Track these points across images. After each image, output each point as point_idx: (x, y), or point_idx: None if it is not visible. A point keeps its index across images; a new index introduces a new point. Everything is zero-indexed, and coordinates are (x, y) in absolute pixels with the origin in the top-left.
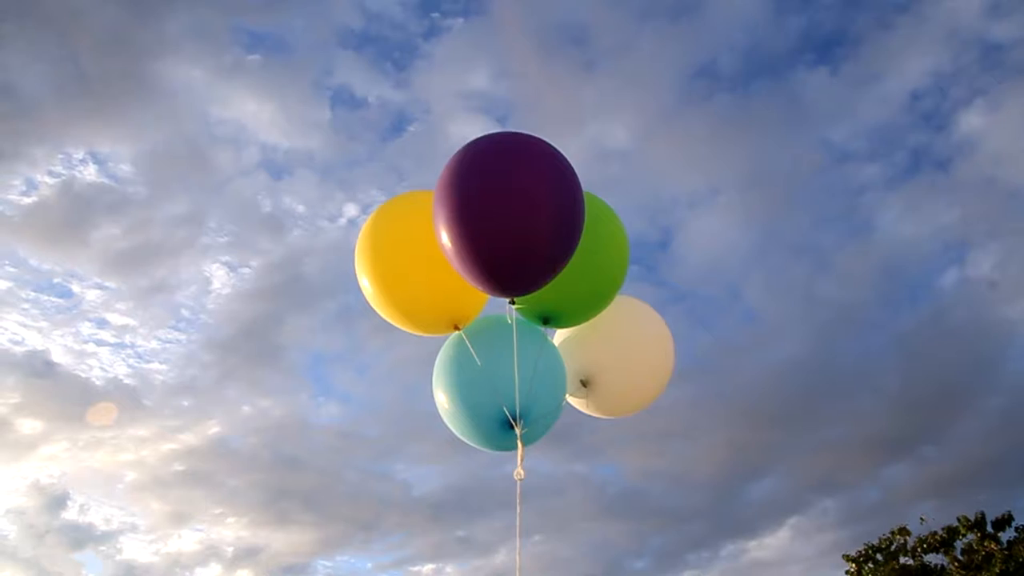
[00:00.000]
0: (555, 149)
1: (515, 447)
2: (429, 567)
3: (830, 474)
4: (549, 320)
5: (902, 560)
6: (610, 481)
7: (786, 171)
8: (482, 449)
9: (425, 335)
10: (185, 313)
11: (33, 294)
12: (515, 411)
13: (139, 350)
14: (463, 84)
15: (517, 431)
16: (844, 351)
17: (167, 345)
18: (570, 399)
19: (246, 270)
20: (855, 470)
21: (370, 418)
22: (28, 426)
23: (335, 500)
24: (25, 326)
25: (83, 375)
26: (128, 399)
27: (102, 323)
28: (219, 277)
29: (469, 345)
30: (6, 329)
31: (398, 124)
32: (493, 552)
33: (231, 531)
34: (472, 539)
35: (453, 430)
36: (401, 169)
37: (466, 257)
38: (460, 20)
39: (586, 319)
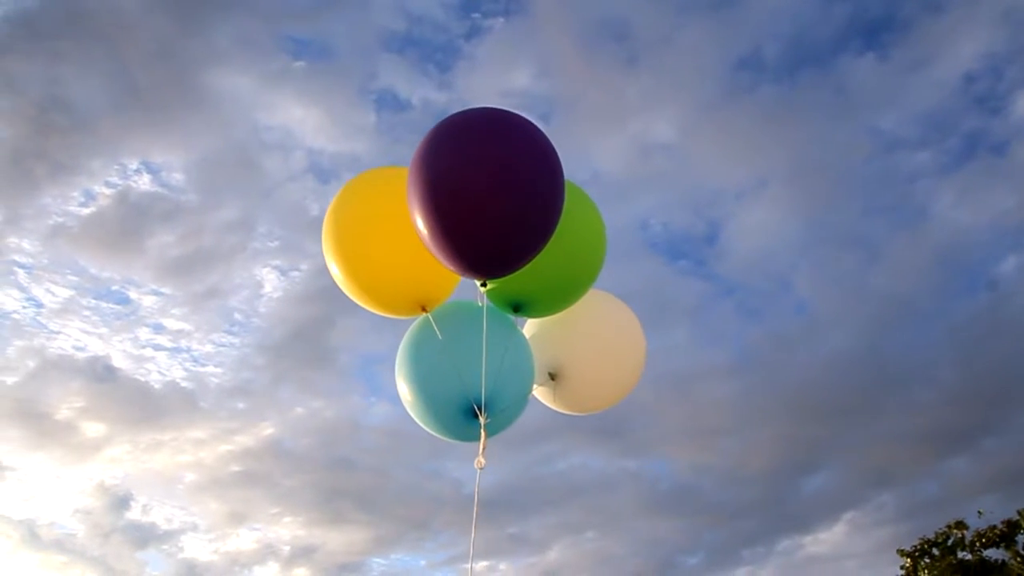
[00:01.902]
0: (535, 125)
1: (477, 437)
2: (482, 564)
3: (887, 468)
4: (520, 308)
5: (960, 555)
6: (661, 477)
7: (834, 160)
8: (442, 437)
9: (391, 316)
10: (238, 317)
11: (93, 301)
12: (480, 399)
13: (195, 354)
14: (505, 83)
15: (481, 420)
16: (898, 342)
17: (221, 349)
18: (536, 393)
19: (296, 273)
20: (913, 463)
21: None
22: (92, 429)
23: (388, 499)
24: (87, 333)
25: (142, 379)
26: (185, 402)
27: (159, 328)
28: (270, 281)
29: (434, 325)
30: (69, 336)
31: None
32: (546, 549)
33: (287, 530)
34: (524, 536)
35: (414, 416)
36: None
37: (438, 232)
38: (501, 20)
39: (558, 310)
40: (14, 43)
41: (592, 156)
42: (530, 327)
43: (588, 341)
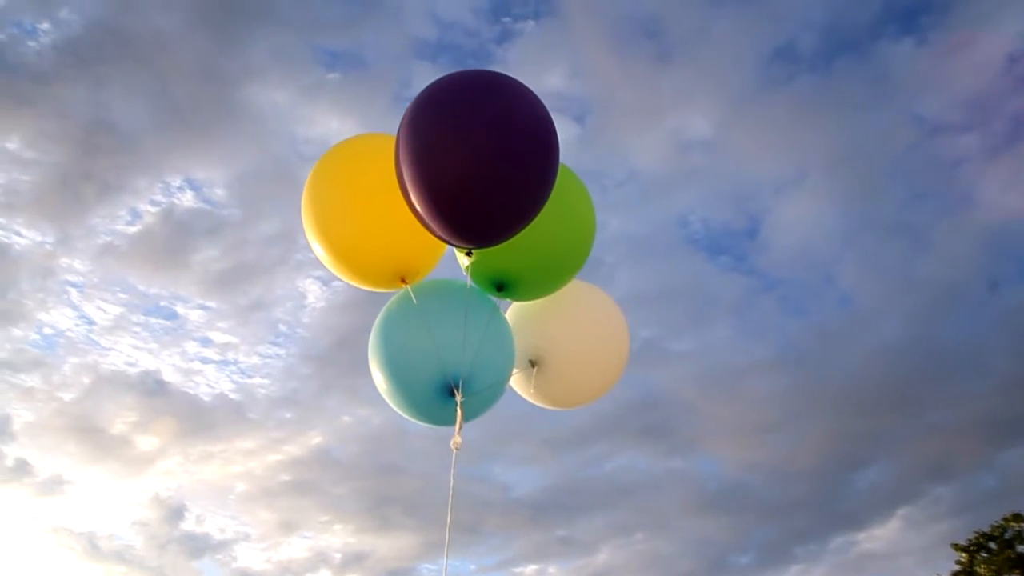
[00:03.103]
0: (530, 89)
1: (450, 421)
2: (532, 568)
3: (941, 461)
4: (503, 288)
5: (1018, 548)
6: (710, 475)
7: (875, 149)
8: (414, 419)
9: (370, 288)
10: (283, 328)
11: (143, 317)
12: (457, 377)
13: (242, 366)
14: (539, 85)
15: (458, 398)
16: (947, 331)
17: (268, 360)
18: (513, 384)
19: (338, 283)
20: (968, 456)
21: (466, 422)
22: (146, 442)
23: (436, 504)
24: (137, 348)
25: (192, 392)
26: (234, 413)
27: (206, 342)
28: (313, 292)
29: (412, 295)
30: (121, 352)
31: None
32: (595, 551)
33: (338, 538)
34: (573, 539)
35: (385, 396)
36: None
37: (427, 192)
38: (531, 23)
39: (542, 293)
40: (61, 70)
41: (629, 154)
42: (513, 313)
43: (572, 332)
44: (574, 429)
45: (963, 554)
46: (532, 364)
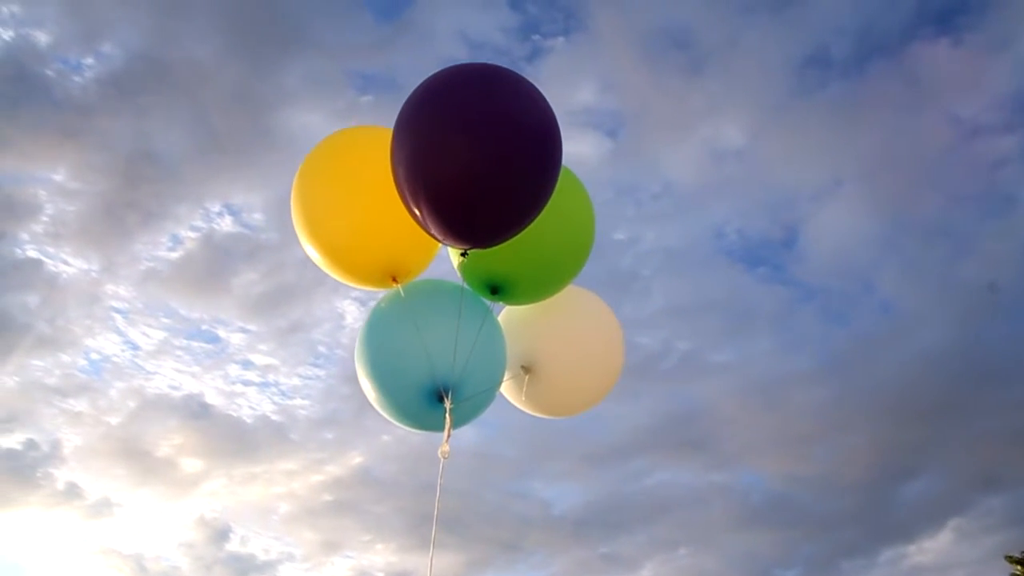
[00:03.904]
0: (534, 84)
1: (439, 426)
2: None
3: (992, 470)
4: (498, 291)
5: None
6: (753, 489)
7: (913, 153)
8: (401, 424)
9: (361, 286)
10: (322, 349)
11: (185, 341)
12: (447, 382)
13: (283, 387)
14: (571, 101)
15: (447, 404)
16: (994, 336)
17: (308, 381)
18: (504, 391)
19: (375, 304)
20: (1021, 464)
21: (505, 438)
22: (190, 465)
23: (477, 522)
24: (180, 372)
25: (235, 414)
26: (276, 435)
27: (247, 364)
28: (350, 312)
29: (400, 290)
30: (165, 376)
31: None
32: (638, 567)
33: (381, 557)
34: (616, 555)
35: (371, 399)
36: None
37: (424, 191)
38: (561, 39)
39: (537, 297)
40: (104, 102)
41: (662, 167)
42: (506, 317)
43: (566, 339)
44: (614, 444)
45: (1018, 566)
46: (524, 370)
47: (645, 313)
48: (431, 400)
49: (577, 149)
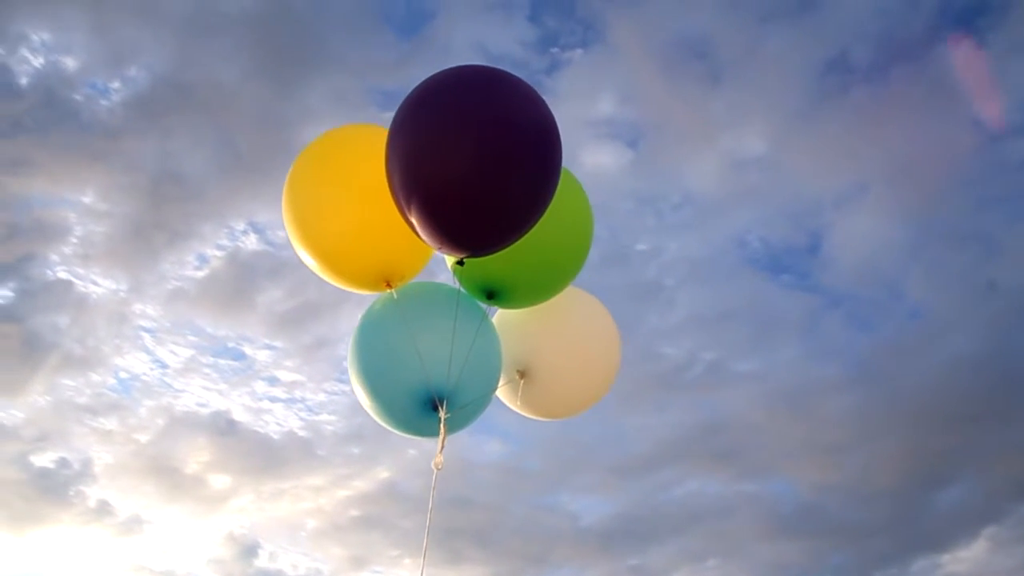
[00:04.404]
0: (530, 85)
1: (434, 432)
2: None
3: None
4: (494, 295)
5: None
6: (782, 498)
7: (938, 156)
8: (395, 431)
9: (352, 290)
10: (347, 365)
11: (212, 359)
12: (442, 391)
13: (309, 403)
14: (590, 113)
15: (441, 414)
16: None
17: (334, 397)
18: (499, 394)
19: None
20: None
21: (531, 452)
22: (219, 481)
23: (504, 535)
24: (208, 389)
25: (261, 431)
26: (303, 450)
27: (273, 381)
28: None
29: (395, 296)
30: (192, 393)
31: None
32: None
33: (408, 572)
34: (645, 567)
35: (364, 406)
36: None
37: (419, 198)
38: (579, 51)
39: (535, 301)
40: (130, 124)
41: (684, 177)
42: (499, 320)
43: (562, 341)
44: (640, 455)
45: None
46: (520, 375)
47: (669, 323)
48: (425, 408)
49: (597, 160)
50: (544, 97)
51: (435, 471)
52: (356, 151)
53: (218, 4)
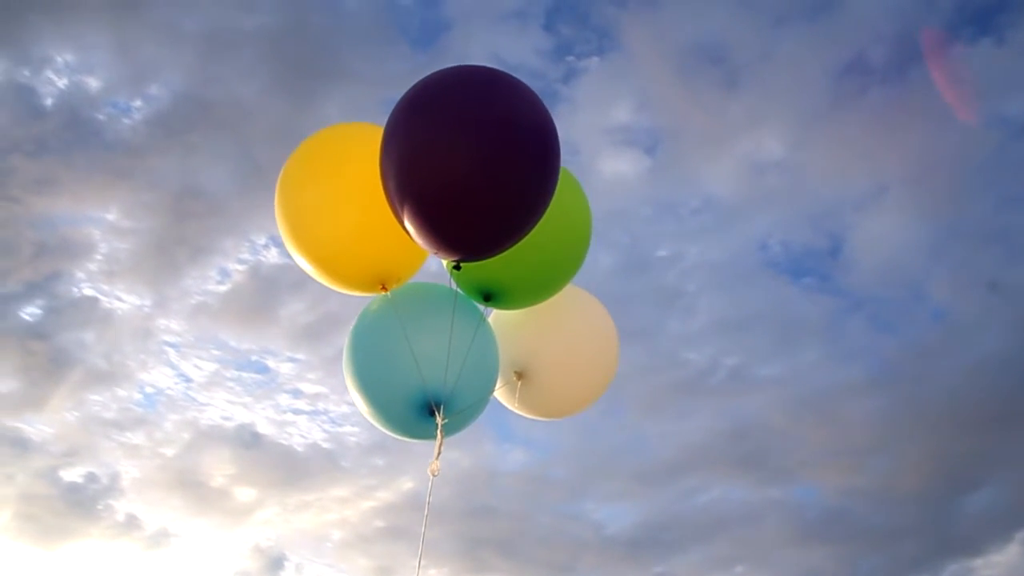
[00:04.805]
0: (526, 85)
1: (432, 436)
2: None
3: None
4: (491, 297)
5: None
6: (809, 503)
7: (959, 155)
8: (391, 434)
9: (349, 292)
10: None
11: (236, 373)
12: (439, 396)
13: (332, 415)
14: (607, 120)
15: (439, 420)
16: None
17: (357, 408)
18: (498, 395)
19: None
20: None
21: (555, 460)
22: (244, 494)
23: (529, 544)
24: (232, 403)
25: (285, 443)
26: (327, 462)
27: (297, 393)
28: None
29: (392, 302)
30: (217, 407)
31: None
32: None
33: None
34: (671, 575)
35: (360, 409)
36: None
37: (414, 202)
38: (595, 59)
39: (533, 302)
40: (153, 142)
41: (702, 182)
42: (496, 321)
43: (559, 340)
44: (664, 462)
45: None
46: (517, 376)
47: (691, 329)
48: (422, 413)
49: (615, 167)
50: (561, 106)
51: (431, 477)
52: (350, 150)
53: (236, 21)
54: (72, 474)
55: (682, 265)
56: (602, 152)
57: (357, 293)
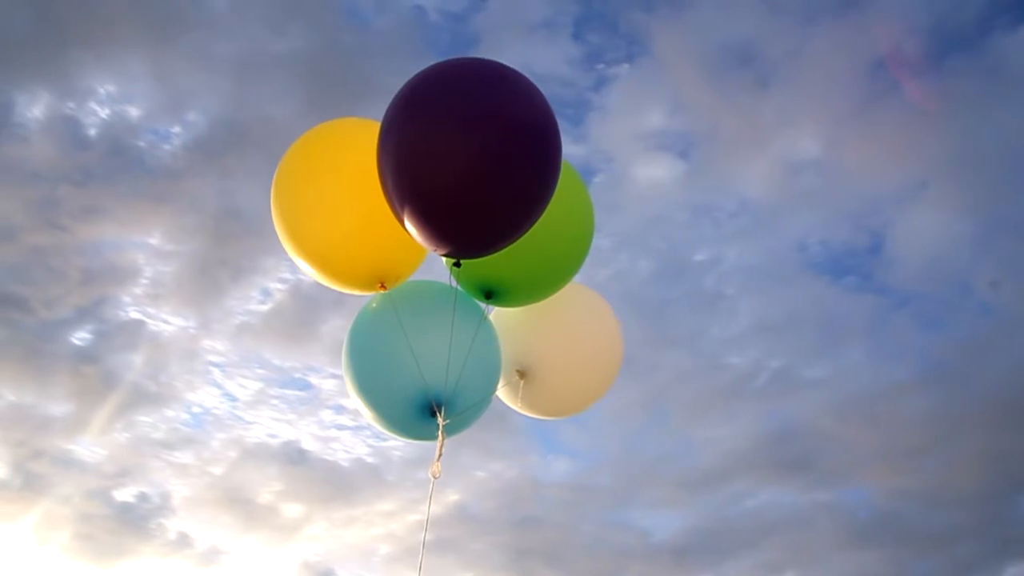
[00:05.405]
0: (526, 78)
1: (434, 437)
2: None
3: None
4: (492, 295)
5: None
6: (860, 506)
7: (1000, 147)
8: (394, 436)
9: (347, 291)
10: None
11: (280, 390)
12: (440, 396)
13: (375, 430)
14: (640, 126)
15: (440, 421)
16: None
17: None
18: (500, 394)
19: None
20: None
21: (599, 469)
22: (292, 510)
23: (575, 554)
24: (277, 420)
25: (330, 459)
26: (372, 477)
27: (340, 409)
28: None
29: (391, 301)
30: (262, 425)
31: (584, 177)
32: None
33: None
34: None
35: (360, 409)
36: (596, 221)
37: (411, 198)
38: (625, 66)
39: (535, 299)
40: (192, 166)
41: (738, 184)
42: (497, 319)
43: (562, 338)
44: (709, 468)
45: None
46: (520, 375)
47: (733, 333)
48: (423, 414)
49: (650, 173)
50: (592, 114)
51: (432, 479)
52: (347, 146)
53: (267, 45)
54: (124, 494)
55: (720, 269)
56: (636, 159)
57: (355, 292)
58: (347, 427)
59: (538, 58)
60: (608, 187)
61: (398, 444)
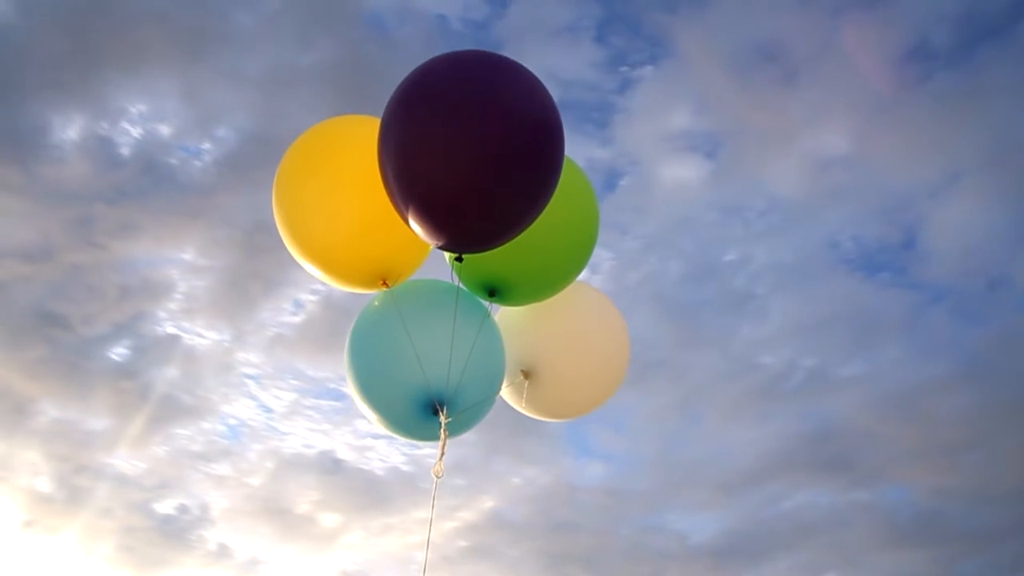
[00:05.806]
0: (528, 71)
1: (436, 437)
2: None
3: None
4: (496, 293)
5: None
6: (900, 506)
7: None
8: (397, 436)
9: (348, 289)
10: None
11: (314, 401)
12: (443, 395)
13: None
14: (666, 128)
15: (442, 419)
16: None
17: None
18: (504, 395)
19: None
20: None
21: (635, 473)
22: (329, 519)
23: (613, 558)
24: (312, 431)
25: (366, 468)
26: (407, 485)
27: None
28: None
29: (393, 298)
30: (298, 435)
31: (610, 181)
32: None
33: None
34: None
35: (362, 409)
36: (622, 224)
37: (413, 193)
38: (649, 68)
39: (539, 298)
40: (222, 182)
41: (767, 182)
42: (502, 318)
43: (568, 338)
44: (746, 470)
45: None
46: (524, 375)
47: (765, 333)
48: (425, 413)
49: (677, 174)
50: (618, 116)
51: (435, 479)
52: (348, 143)
53: (293, 59)
54: (165, 506)
55: (751, 268)
56: (663, 160)
57: (357, 290)
58: (382, 436)
59: (561, 62)
60: (635, 189)
61: (432, 452)
